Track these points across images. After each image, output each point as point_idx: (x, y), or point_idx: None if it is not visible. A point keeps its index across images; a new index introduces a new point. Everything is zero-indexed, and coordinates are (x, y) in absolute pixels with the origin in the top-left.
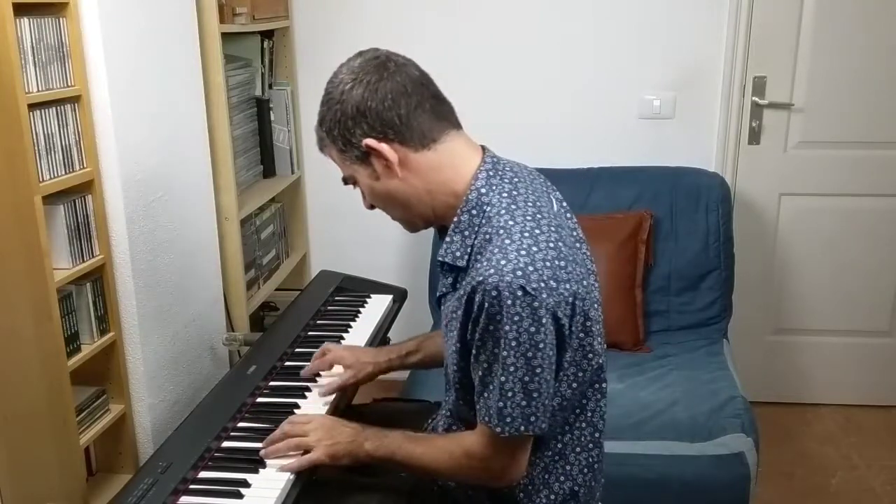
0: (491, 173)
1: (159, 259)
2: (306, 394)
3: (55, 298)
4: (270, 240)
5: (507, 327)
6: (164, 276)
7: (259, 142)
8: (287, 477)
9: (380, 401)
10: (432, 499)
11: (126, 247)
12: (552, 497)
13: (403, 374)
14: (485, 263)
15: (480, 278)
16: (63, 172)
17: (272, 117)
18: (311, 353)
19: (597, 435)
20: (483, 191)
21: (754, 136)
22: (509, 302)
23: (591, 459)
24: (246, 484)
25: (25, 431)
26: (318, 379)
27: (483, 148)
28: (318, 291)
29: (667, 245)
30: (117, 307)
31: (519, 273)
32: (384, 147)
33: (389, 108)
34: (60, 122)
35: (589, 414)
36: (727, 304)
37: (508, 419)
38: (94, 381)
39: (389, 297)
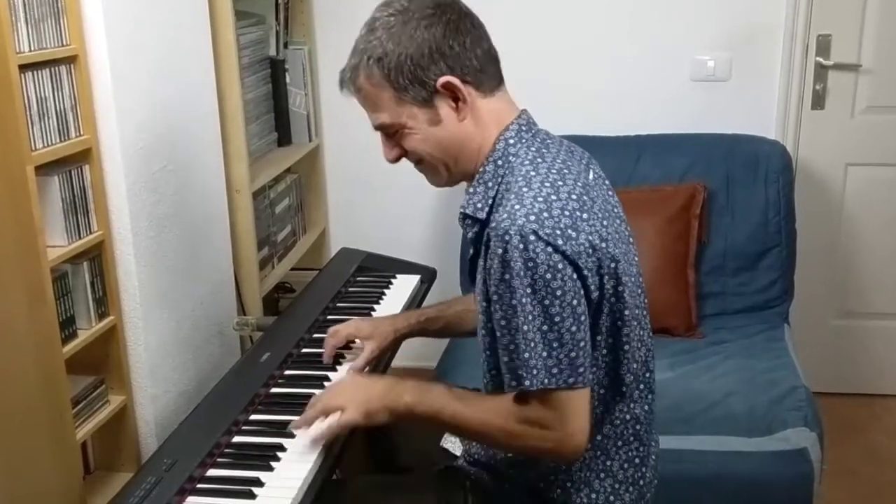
0: (524, 129)
1: (163, 235)
2: (325, 383)
3: (49, 279)
4: (286, 214)
5: (520, 273)
6: (168, 255)
7: (273, 107)
8: (303, 476)
9: None
10: (459, 498)
11: (127, 222)
12: (593, 496)
13: (433, 362)
14: (500, 211)
15: (493, 224)
16: (57, 140)
17: (288, 80)
18: None
19: (638, 427)
20: (511, 142)
21: (818, 101)
22: (521, 247)
23: (631, 454)
24: (259, 483)
25: (16, 426)
26: (342, 361)
27: (523, 110)
28: (338, 271)
29: (722, 220)
30: (117, 288)
31: (532, 218)
32: (462, 87)
33: (469, 49)
34: (55, 85)
35: (631, 404)
36: (788, 286)
37: (534, 371)
38: (92, 370)
39: (417, 278)
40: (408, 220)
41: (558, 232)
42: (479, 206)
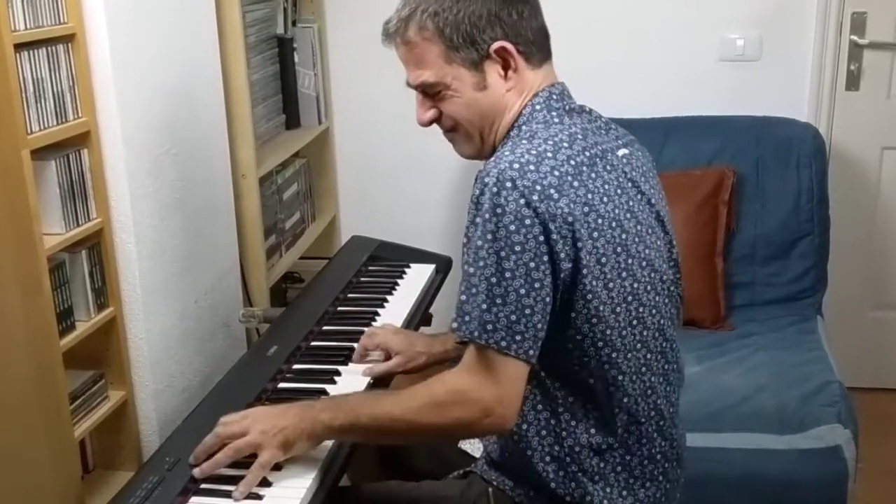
0: (554, 97)
1: (166, 223)
2: (336, 378)
3: (45, 268)
4: (294, 200)
5: (486, 216)
6: (171, 243)
7: (281, 88)
8: (312, 475)
9: None
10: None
11: (127, 208)
12: (607, 490)
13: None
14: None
15: (481, 167)
16: (55, 123)
17: (296, 59)
18: (340, 332)
19: (662, 423)
20: (538, 108)
21: (853, 81)
22: (494, 190)
23: (653, 451)
24: (266, 483)
25: (11, 423)
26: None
27: (560, 82)
28: (349, 260)
29: (752, 207)
30: (117, 278)
31: (516, 167)
32: (516, 55)
33: (526, 19)
34: (52, 66)
35: (655, 400)
36: (821, 275)
37: (466, 318)
38: (91, 364)
39: (432, 267)
40: (422, 207)
41: (538, 188)
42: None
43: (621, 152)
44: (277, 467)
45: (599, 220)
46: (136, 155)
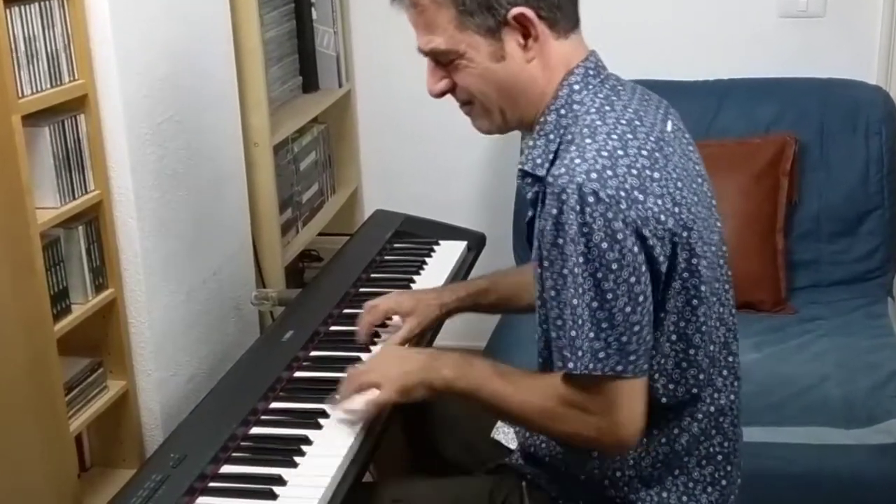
0: (591, 73)
1: (170, 195)
2: (357, 366)
3: (38, 246)
4: (312, 171)
5: (574, 240)
6: (176, 218)
7: (298, 47)
8: (332, 473)
9: None
10: (515, 502)
11: (128, 180)
12: (664, 495)
13: (482, 341)
14: (558, 164)
15: (550, 180)
16: (48, 86)
17: (314, 15)
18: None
19: (721, 420)
20: (576, 88)
21: None
22: (577, 209)
23: (713, 450)
24: (281, 481)
25: (1, 415)
26: (377, 341)
27: (591, 52)
28: (372, 236)
29: (815, 177)
30: (117, 257)
31: (594, 176)
32: (537, 22)
33: None
34: (45, 22)
35: (714, 394)
36: (892, 254)
37: (579, 352)
38: (88, 351)
39: (463, 244)
40: (453, 178)
41: (622, 194)
42: (539, 161)
43: (669, 126)
44: (300, 453)
45: (680, 210)
46: (138, 121)
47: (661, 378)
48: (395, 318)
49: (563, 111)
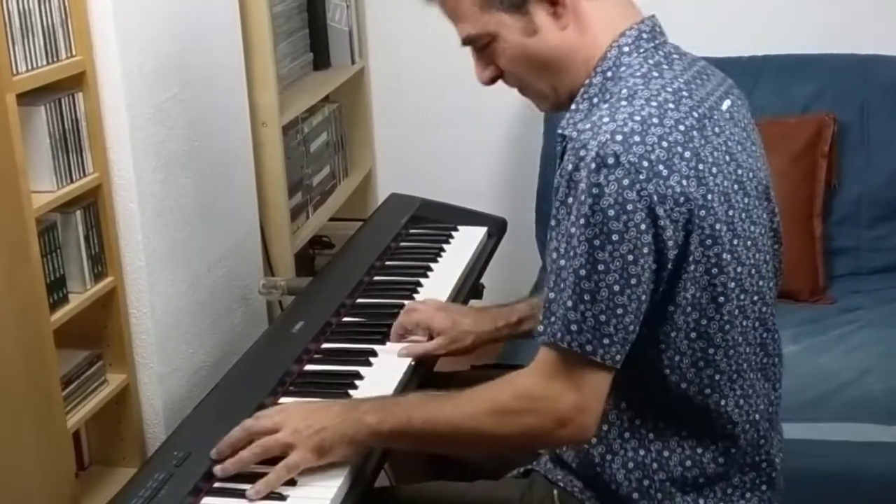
0: (645, 37)
1: (174, 178)
2: (371, 360)
3: (34, 231)
4: (323, 153)
5: (581, 197)
6: (180, 202)
7: (308, 21)
8: (343, 474)
9: (481, 368)
10: None
11: (129, 162)
12: (700, 501)
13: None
14: (584, 121)
15: (574, 135)
16: (44, 63)
17: None
18: (376, 306)
19: (761, 425)
20: (626, 50)
21: None
22: (593, 167)
23: (754, 457)
24: (290, 481)
25: None
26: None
27: (651, 16)
28: (386, 222)
29: (855, 159)
30: (117, 243)
31: (619, 138)
32: None
33: None
34: None
35: (754, 398)
36: None
37: (552, 318)
38: (87, 343)
39: (483, 231)
40: (472, 160)
41: (645, 164)
42: (580, 126)
43: (725, 105)
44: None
45: (709, 197)
46: (139, 100)
47: (674, 376)
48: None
49: (609, 73)
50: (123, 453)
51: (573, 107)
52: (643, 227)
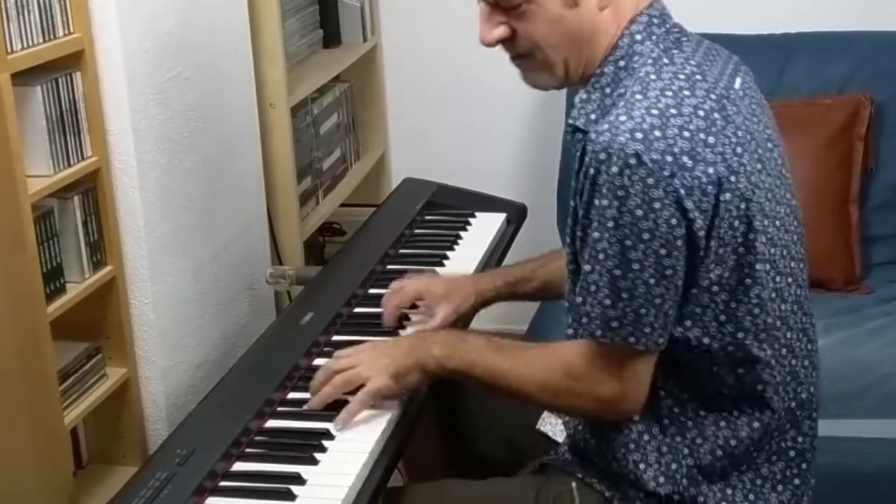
0: (656, 22)
1: (177, 162)
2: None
3: (29, 218)
4: (334, 135)
5: (606, 202)
6: (183, 187)
7: None
8: (356, 471)
9: None
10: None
11: (129, 145)
12: (728, 492)
13: (524, 325)
14: (602, 122)
15: (592, 136)
16: (41, 41)
17: None
18: None
19: (799, 413)
20: (638, 38)
21: None
22: (615, 170)
23: (785, 444)
24: (299, 480)
25: None
26: (406, 325)
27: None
28: (401, 208)
29: (894, 142)
30: (117, 231)
31: (639, 136)
32: None
33: None
34: None
35: (797, 387)
36: None
37: (585, 319)
38: (85, 335)
39: (502, 217)
40: (490, 143)
41: (668, 158)
42: (593, 117)
43: (737, 83)
44: (321, 449)
45: (733, 178)
46: (140, 79)
47: (704, 360)
48: (420, 303)
49: (622, 63)
50: (124, 451)
51: (583, 95)
52: (673, 221)
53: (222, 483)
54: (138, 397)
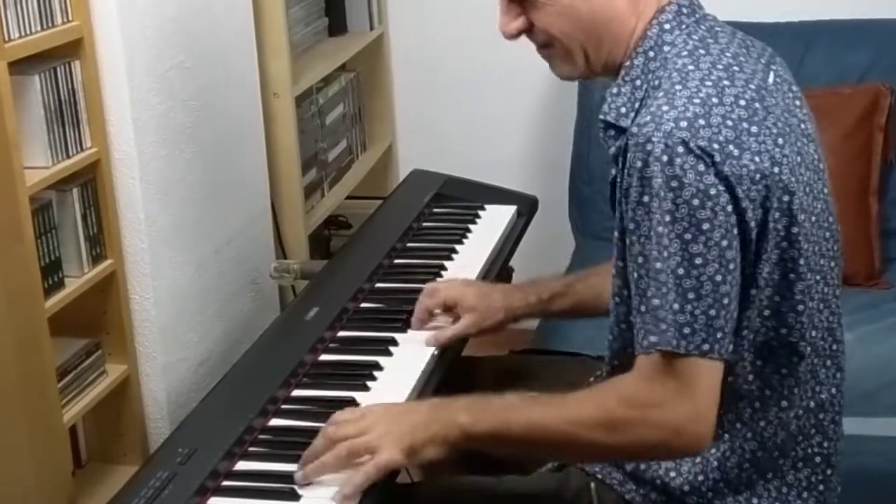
0: (685, 11)
1: (178, 153)
2: (391, 349)
3: (27, 210)
4: (339, 126)
5: (660, 195)
6: (185, 179)
7: None
8: (364, 470)
9: (519, 353)
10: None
11: (130, 136)
12: (754, 501)
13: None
14: (643, 113)
15: (634, 129)
16: (39, 29)
17: None
18: (397, 291)
19: (822, 416)
20: (667, 28)
21: None
22: (665, 160)
23: (811, 450)
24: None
25: None
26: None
27: None
28: (408, 200)
29: None
30: (117, 224)
31: (683, 124)
32: None
33: None
34: None
35: (816, 387)
36: None
37: (662, 325)
38: (85, 332)
39: (512, 209)
40: (500, 133)
41: (716, 146)
42: (624, 110)
43: (772, 74)
44: None
45: (776, 170)
46: (141, 68)
47: (745, 361)
48: (439, 311)
49: (651, 53)
50: (124, 450)
51: (613, 89)
52: (729, 208)
53: (225, 483)
54: (139, 395)
